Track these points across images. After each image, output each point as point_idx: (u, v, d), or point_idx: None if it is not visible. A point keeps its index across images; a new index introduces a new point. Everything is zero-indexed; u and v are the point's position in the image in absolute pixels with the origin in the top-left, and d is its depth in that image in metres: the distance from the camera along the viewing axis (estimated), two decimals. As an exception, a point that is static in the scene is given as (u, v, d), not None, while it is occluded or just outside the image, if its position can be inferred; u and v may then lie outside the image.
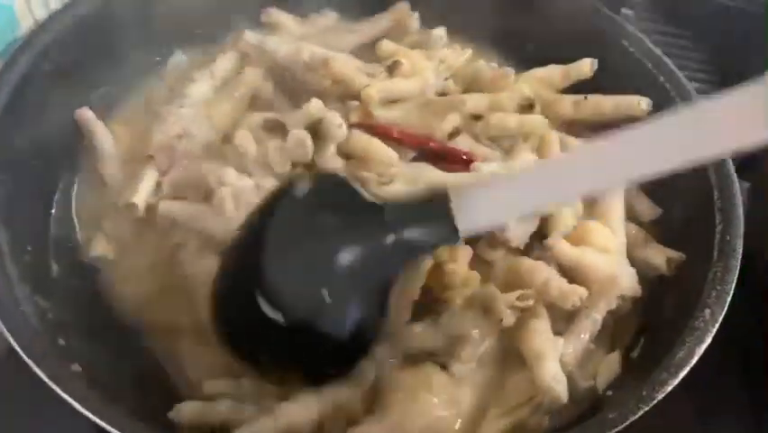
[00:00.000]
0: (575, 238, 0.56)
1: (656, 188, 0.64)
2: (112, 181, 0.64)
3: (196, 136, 0.64)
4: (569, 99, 0.67)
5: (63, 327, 0.54)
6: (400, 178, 0.59)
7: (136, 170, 0.63)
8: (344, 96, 0.65)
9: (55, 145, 0.64)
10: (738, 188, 0.57)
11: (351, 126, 0.62)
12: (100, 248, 0.61)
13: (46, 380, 0.43)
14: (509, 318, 0.52)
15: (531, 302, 0.52)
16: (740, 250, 0.52)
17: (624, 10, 0.83)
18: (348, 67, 0.65)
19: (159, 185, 0.62)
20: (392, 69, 0.67)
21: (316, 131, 0.60)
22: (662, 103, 0.64)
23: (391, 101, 0.65)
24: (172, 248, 0.59)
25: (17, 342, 0.45)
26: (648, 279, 0.59)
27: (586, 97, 0.66)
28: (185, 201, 0.60)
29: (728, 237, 0.53)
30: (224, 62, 0.71)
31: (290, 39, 0.73)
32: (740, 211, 0.54)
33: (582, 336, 0.54)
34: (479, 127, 0.64)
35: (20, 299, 0.51)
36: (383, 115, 0.62)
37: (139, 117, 0.69)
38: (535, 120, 0.64)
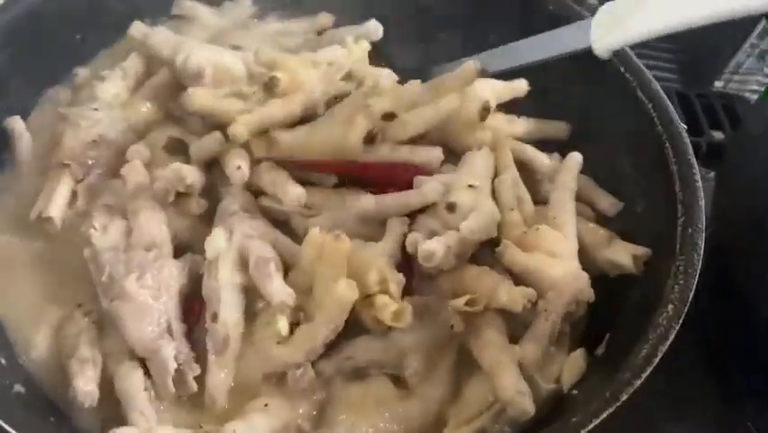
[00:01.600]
0: (526, 244, 0.61)
1: (618, 183, 0.68)
2: (26, 195, 0.64)
3: (115, 141, 0.66)
4: (502, 117, 0.72)
5: (5, 346, 0.56)
6: (326, 207, 0.62)
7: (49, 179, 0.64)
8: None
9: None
10: (700, 181, 0.62)
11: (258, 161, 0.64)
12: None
13: None
14: (459, 325, 0.56)
15: (481, 307, 0.56)
16: (702, 244, 0.57)
17: (589, -1, 0.83)
18: (208, 99, 0.65)
19: (74, 195, 0.63)
20: (269, 87, 0.65)
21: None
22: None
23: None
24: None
25: None
26: (611, 274, 0.63)
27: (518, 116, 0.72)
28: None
29: (690, 231, 0.57)
30: (136, 60, 0.72)
31: (202, 31, 0.77)
32: (702, 204, 0.61)
33: (542, 338, 0.57)
34: (394, 128, 0.64)
35: None
36: (287, 140, 0.63)
37: (45, 124, 0.69)
38: (446, 108, 0.65)
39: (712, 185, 0.79)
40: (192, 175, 0.62)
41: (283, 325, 0.55)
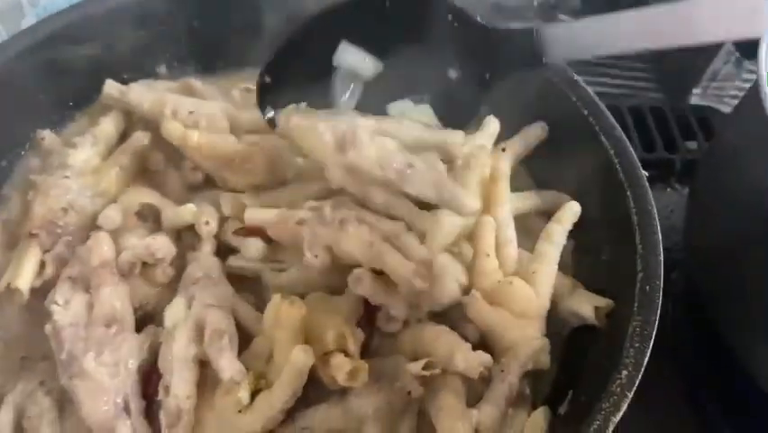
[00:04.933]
0: (495, 296, 0.59)
1: (585, 228, 0.65)
2: None
3: (85, 208, 0.65)
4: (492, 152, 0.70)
5: None
6: (294, 262, 0.61)
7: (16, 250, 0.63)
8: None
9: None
10: (659, 234, 0.59)
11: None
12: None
13: None
14: (417, 390, 0.55)
15: (438, 370, 0.55)
16: (659, 303, 0.56)
17: (561, 15, 0.80)
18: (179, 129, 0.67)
19: (42, 265, 0.62)
20: None
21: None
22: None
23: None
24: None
25: None
26: (574, 328, 0.62)
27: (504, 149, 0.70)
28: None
29: (648, 288, 0.53)
30: (107, 124, 0.72)
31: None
32: (660, 260, 0.57)
33: (499, 401, 0.56)
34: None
35: None
36: (253, 214, 0.63)
37: (13, 194, 0.70)
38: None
39: (686, 202, 0.79)
40: (164, 249, 0.61)
41: (243, 394, 0.54)
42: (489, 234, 0.62)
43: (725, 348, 0.68)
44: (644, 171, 0.64)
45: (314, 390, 0.55)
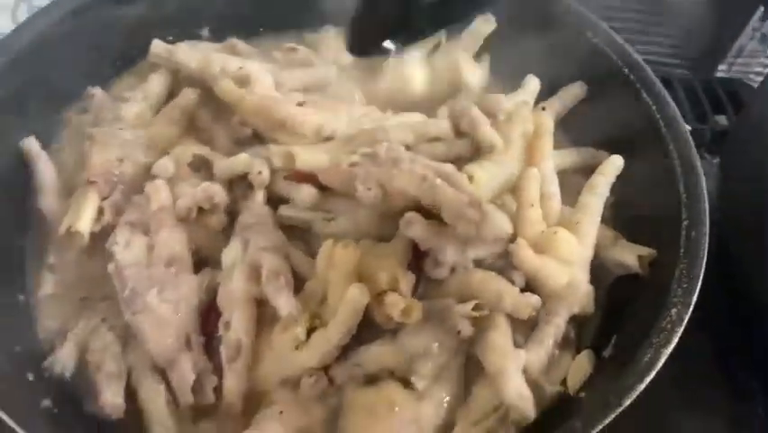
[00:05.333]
0: (541, 245, 0.60)
1: (625, 183, 0.66)
2: (51, 213, 0.66)
3: (139, 159, 0.67)
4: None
5: (33, 359, 0.56)
6: (342, 211, 0.63)
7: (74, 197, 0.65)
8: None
9: (17, 174, 0.67)
10: (704, 184, 0.61)
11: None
12: (46, 287, 0.64)
13: (10, 423, 0.41)
14: (467, 330, 0.56)
15: (487, 311, 0.56)
16: (705, 246, 0.57)
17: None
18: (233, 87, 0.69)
19: (100, 211, 0.64)
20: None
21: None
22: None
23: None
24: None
25: None
26: (618, 276, 0.63)
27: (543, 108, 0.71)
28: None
29: (694, 234, 0.56)
30: (156, 82, 0.74)
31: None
32: (705, 207, 0.60)
33: (546, 342, 0.58)
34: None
35: None
36: (306, 160, 0.64)
37: (67, 146, 0.71)
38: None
39: (717, 171, 0.80)
40: (220, 195, 0.63)
41: (300, 330, 0.56)
42: (533, 186, 0.63)
43: (756, 315, 0.69)
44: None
45: (366, 330, 0.57)
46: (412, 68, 0.75)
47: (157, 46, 0.74)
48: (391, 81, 0.75)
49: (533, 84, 0.73)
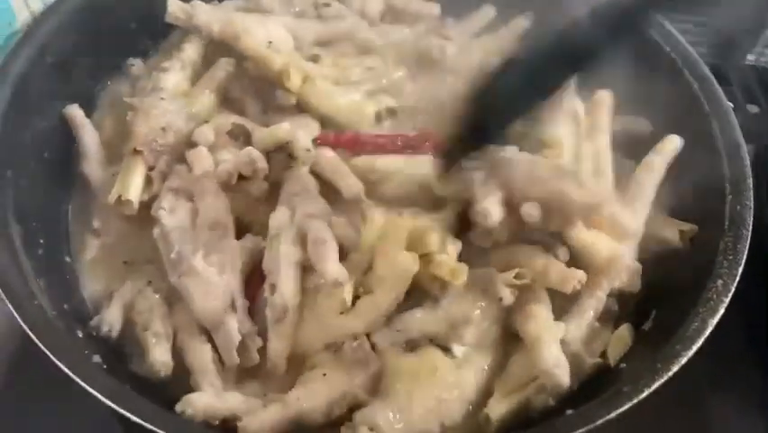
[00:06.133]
0: (594, 219, 0.59)
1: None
2: (95, 180, 0.67)
3: (181, 129, 0.67)
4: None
5: (81, 319, 0.57)
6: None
7: (119, 166, 0.66)
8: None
9: (62, 138, 0.68)
10: (748, 159, 0.59)
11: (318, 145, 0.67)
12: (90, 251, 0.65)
13: (67, 370, 0.42)
14: (508, 297, 0.56)
15: (528, 280, 0.57)
16: (750, 220, 0.54)
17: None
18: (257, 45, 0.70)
19: (149, 180, 0.65)
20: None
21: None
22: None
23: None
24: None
25: (35, 334, 0.50)
26: (659, 251, 0.63)
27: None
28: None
29: (738, 207, 0.57)
30: (191, 49, 0.74)
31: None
32: (749, 182, 0.58)
33: (587, 314, 0.58)
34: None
35: (35, 292, 0.55)
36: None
37: (108, 114, 0.73)
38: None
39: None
40: (261, 161, 0.63)
41: (348, 295, 0.56)
42: (587, 162, 0.64)
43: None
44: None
45: (408, 297, 0.57)
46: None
47: (173, 5, 0.72)
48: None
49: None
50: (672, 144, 0.66)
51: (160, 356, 0.55)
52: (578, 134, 0.66)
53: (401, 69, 0.75)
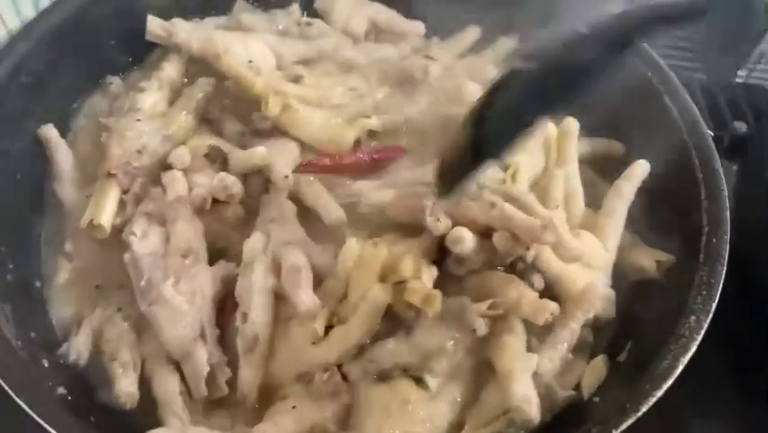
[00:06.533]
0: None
1: (645, 188, 0.66)
2: (68, 202, 0.67)
3: (156, 151, 0.67)
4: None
5: (48, 346, 0.56)
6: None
7: (93, 188, 0.65)
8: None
9: (35, 159, 0.67)
10: (726, 190, 0.61)
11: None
12: (62, 274, 0.64)
13: (27, 409, 0.42)
14: (482, 328, 0.56)
15: (501, 311, 0.56)
16: (726, 254, 0.56)
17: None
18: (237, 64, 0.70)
19: (122, 204, 0.64)
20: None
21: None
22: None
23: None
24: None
25: None
26: (635, 281, 0.63)
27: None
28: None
29: (714, 240, 0.57)
30: (170, 68, 0.73)
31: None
32: (727, 214, 0.59)
33: (561, 346, 0.58)
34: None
35: (0, 321, 0.54)
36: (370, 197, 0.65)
37: (83, 134, 0.72)
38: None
39: (734, 179, 0.80)
40: (236, 185, 0.63)
41: (319, 326, 0.56)
42: (558, 188, 0.64)
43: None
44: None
45: (382, 326, 0.57)
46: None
47: (153, 23, 0.72)
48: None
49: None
50: (641, 169, 0.65)
51: (126, 387, 0.54)
52: (548, 157, 0.67)
53: (384, 88, 0.75)
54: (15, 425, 0.47)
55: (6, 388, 0.47)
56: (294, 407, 0.54)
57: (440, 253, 0.60)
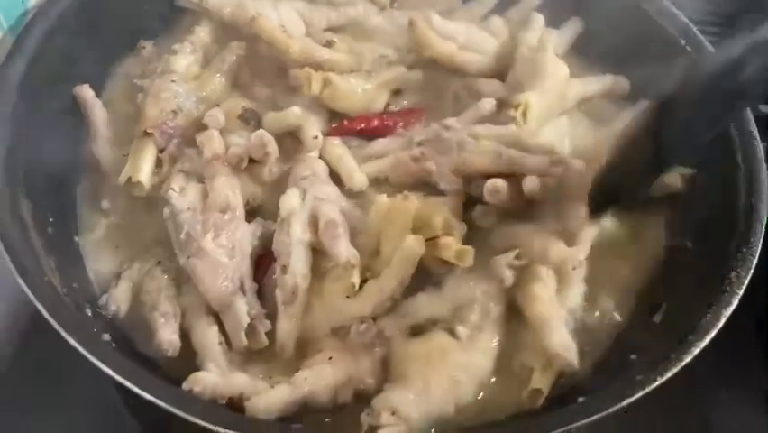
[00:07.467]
0: None
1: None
2: (104, 160, 0.67)
3: (191, 112, 0.68)
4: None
5: (89, 298, 0.58)
6: None
7: (129, 148, 0.66)
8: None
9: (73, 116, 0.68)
10: (763, 153, 0.58)
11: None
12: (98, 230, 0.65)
13: (79, 348, 0.47)
14: (509, 278, 0.57)
15: (526, 261, 0.57)
16: (765, 214, 0.51)
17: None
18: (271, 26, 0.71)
19: (159, 163, 0.65)
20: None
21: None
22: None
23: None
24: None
25: (47, 311, 0.49)
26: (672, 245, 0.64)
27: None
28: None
29: (752, 201, 0.54)
30: (202, 33, 0.74)
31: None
32: (764, 176, 0.56)
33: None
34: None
35: (46, 270, 0.55)
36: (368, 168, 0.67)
37: (118, 96, 0.73)
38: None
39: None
40: (272, 144, 0.63)
41: (356, 279, 0.56)
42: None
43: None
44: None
45: (411, 282, 0.57)
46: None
47: None
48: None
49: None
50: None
51: (168, 335, 0.55)
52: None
53: (411, 54, 0.75)
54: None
55: (60, 329, 0.47)
56: (330, 358, 0.55)
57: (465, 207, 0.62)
